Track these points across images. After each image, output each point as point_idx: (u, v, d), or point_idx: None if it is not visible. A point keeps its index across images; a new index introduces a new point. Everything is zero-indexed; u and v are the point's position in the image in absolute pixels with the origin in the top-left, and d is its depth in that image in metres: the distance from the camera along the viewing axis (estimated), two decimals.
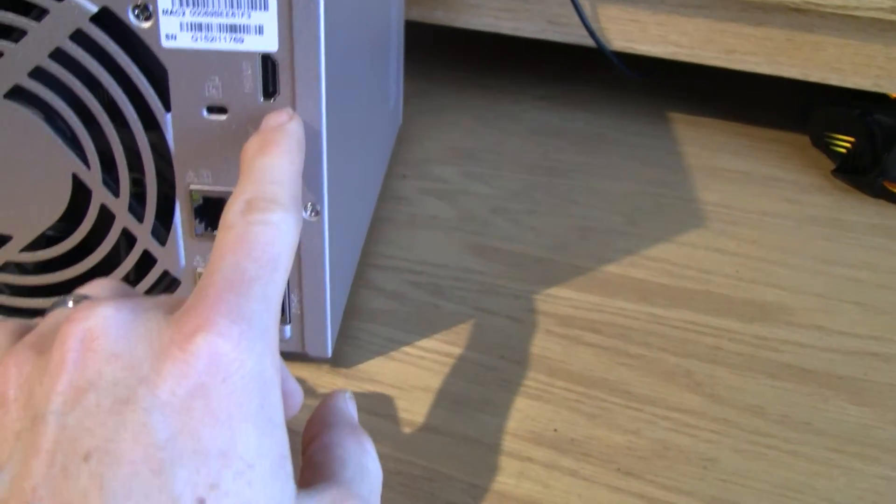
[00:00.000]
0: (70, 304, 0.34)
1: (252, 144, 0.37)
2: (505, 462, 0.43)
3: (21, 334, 0.33)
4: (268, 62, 0.40)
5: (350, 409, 0.37)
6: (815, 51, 0.69)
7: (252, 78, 0.40)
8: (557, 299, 0.54)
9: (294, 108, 0.41)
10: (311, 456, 0.34)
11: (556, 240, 0.61)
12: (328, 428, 0.35)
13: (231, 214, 0.33)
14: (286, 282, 0.33)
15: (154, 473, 0.27)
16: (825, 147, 0.74)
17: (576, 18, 0.71)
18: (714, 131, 0.79)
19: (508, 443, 0.44)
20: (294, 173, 0.36)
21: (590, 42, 0.73)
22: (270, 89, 0.41)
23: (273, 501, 0.29)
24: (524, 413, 0.46)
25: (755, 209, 0.66)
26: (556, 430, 0.45)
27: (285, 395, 0.38)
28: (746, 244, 0.62)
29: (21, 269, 0.48)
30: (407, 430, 0.44)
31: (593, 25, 0.72)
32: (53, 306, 0.35)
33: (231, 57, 0.40)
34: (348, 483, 0.32)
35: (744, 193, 0.68)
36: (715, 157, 0.74)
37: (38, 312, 0.47)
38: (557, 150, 0.74)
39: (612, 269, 0.58)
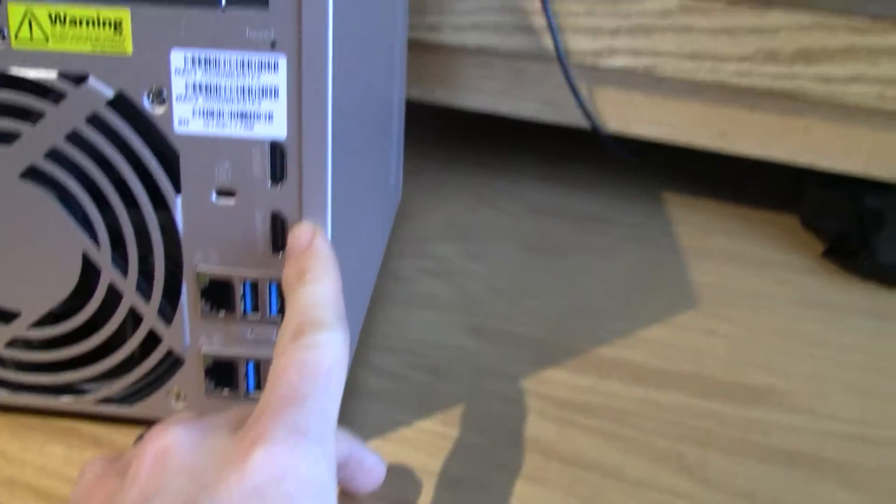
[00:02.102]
0: None
1: (290, 274, 0.40)
2: None
3: (112, 461, 0.37)
4: (276, 149, 0.41)
5: None
6: (804, 135, 0.70)
7: (261, 163, 0.42)
8: (552, 381, 0.55)
9: (301, 192, 0.42)
10: None
11: (552, 321, 0.62)
12: None
13: (282, 342, 0.36)
14: (341, 395, 0.35)
15: None
16: (816, 228, 0.75)
17: (572, 100, 0.73)
18: (707, 212, 0.80)
19: None
20: (334, 293, 0.39)
21: (586, 123, 0.74)
22: (278, 175, 0.42)
23: None
24: (519, 496, 0.46)
25: (747, 291, 0.67)
26: None
27: (366, 470, 0.41)
28: (737, 326, 0.62)
29: (28, 345, 0.49)
30: None
31: (589, 107, 0.73)
32: (139, 438, 0.38)
33: (241, 143, 0.41)
34: None
35: (736, 275, 0.70)
36: (708, 237, 0.75)
37: (44, 388, 0.48)
38: (554, 228, 0.75)
39: (605, 350, 0.59)
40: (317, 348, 0.36)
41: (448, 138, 0.93)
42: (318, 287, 0.39)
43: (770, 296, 0.67)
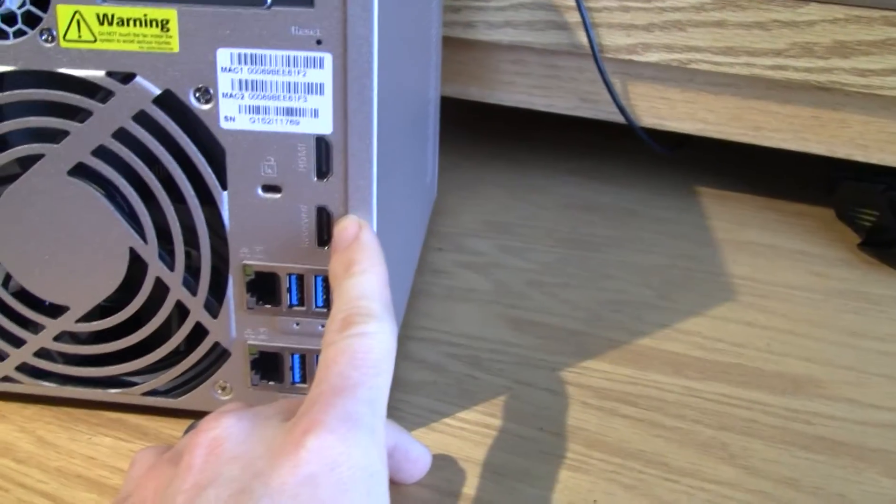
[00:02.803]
0: None
1: (337, 266, 0.40)
2: None
3: (163, 452, 0.38)
4: (322, 143, 0.42)
5: None
6: (840, 128, 0.70)
7: (306, 158, 0.42)
8: (592, 372, 0.56)
9: (346, 186, 0.42)
10: None
11: (590, 313, 0.62)
12: None
13: (330, 333, 0.37)
14: (390, 384, 0.36)
15: None
16: (851, 221, 0.75)
17: (607, 96, 0.73)
18: (741, 205, 0.80)
19: None
20: (381, 284, 0.39)
21: (620, 118, 0.75)
22: (324, 169, 0.42)
23: None
24: (564, 484, 0.47)
25: (783, 283, 0.67)
26: (595, 502, 0.46)
27: (412, 460, 0.42)
28: (776, 317, 0.63)
29: (75, 338, 0.50)
30: (450, 500, 0.45)
31: (623, 102, 0.74)
32: (188, 429, 0.41)
33: (287, 138, 0.42)
34: None
35: (772, 267, 0.70)
36: (742, 231, 0.75)
37: (91, 381, 0.49)
38: (589, 223, 0.75)
39: (645, 342, 0.59)
40: (366, 338, 0.36)
41: (482, 135, 0.93)
42: (366, 279, 0.39)
43: (807, 288, 0.67)
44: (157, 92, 0.42)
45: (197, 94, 0.42)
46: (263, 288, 0.45)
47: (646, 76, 0.73)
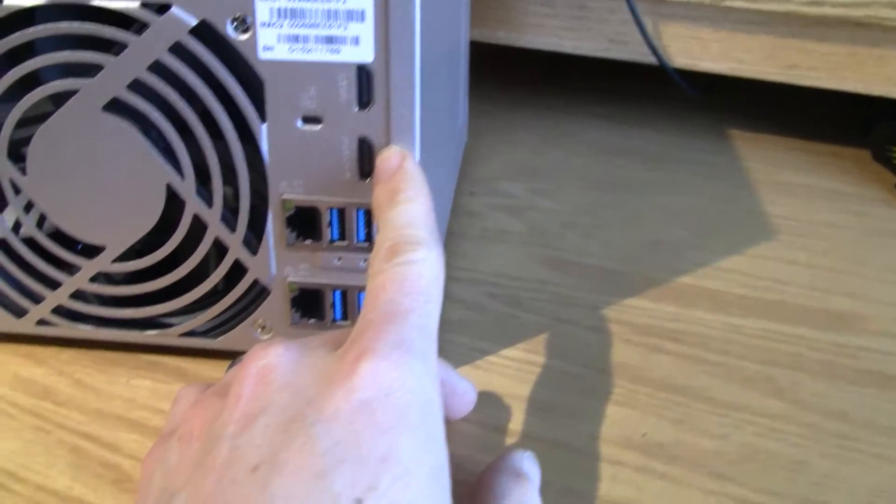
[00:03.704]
0: None
1: (381, 196, 0.39)
2: (597, 466, 0.43)
3: (207, 387, 0.37)
4: (363, 72, 0.41)
5: (525, 465, 0.38)
6: (878, 65, 0.69)
7: (347, 88, 0.41)
8: (634, 309, 0.55)
9: (388, 117, 0.41)
10: (475, 491, 0.37)
11: (628, 253, 0.61)
12: (495, 471, 0.38)
13: (377, 262, 0.36)
14: (440, 311, 0.35)
15: (315, 476, 0.29)
16: (887, 161, 0.74)
17: (637, 36, 0.72)
18: (774, 147, 0.79)
19: (599, 447, 0.44)
20: (426, 212, 0.38)
21: (650, 60, 0.73)
22: (365, 99, 0.41)
23: None
24: (611, 419, 0.46)
25: (822, 222, 0.66)
26: (644, 436, 0.45)
27: (458, 395, 0.41)
28: (817, 255, 0.62)
29: (111, 280, 0.49)
30: (497, 436, 0.45)
31: (655, 43, 0.72)
32: (234, 362, 0.40)
33: (327, 68, 0.41)
34: None
35: (809, 207, 0.69)
36: (777, 172, 0.74)
37: (128, 323, 0.48)
38: (621, 167, 0.74)
39: (685, 280, 0.58)
40: (415, 265, 0.35)
41: (511, 82, 0.92)
42: (411, 207, 0.38)
43: (846, 226, 0.66)
44: (194, 22, 0.41)
45: (234, 24, 0.41)
46: (303, 223, 0.45)
47: (678, 16, 0.72)
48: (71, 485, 0.42)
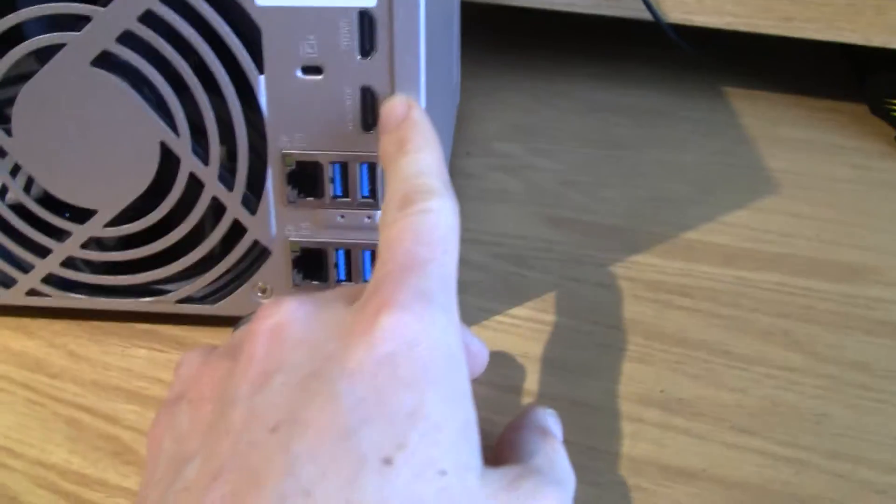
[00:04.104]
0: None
1: (388, 146, 0.37)
2: (618, 424, 0.42)
3: (212, 352, 0.34)
4: (365, 18, 0.39)
5: (548, 422, 0.37)
6: (876, 15, 0.68)
7: (349, 35, 0.40)
8: (642, 265, 0.53)
9: (392, 65, 0.40)
10: (499, 450, 0.34)
11: (631, 209, 0.60)
12: (520, 429, 0.36)
13: (389, 212, 0.34)
14: (457, 262, 0.33)
15: (340, 437, 0.27)
16: (885, 114, 0.73)
17: None
18: (770, 103, 0.78)
19: (618, 405, 0.43)
20: (437, 160, 0.36)
21: (644, 16, 0.72)
22: (368, 47, 0.40)
23: (459, 463, 0.28)
24: (628, 376, 0.45)
25: (824, 175, 0.65)
26: (662, 391, 0.44)
27: (470, 356, 0.39)
28: (822, 208, 0.61)
29: (102, 246, 0.47)
30: (512, 396, 0.44)
31: None
32: (240, 323, 0.38)
33: (327, 13, 0.39)
34: (536, 468, 0.32)
35: (810, 161, 0.68)
36: (775, 127, 0.73)
37: (122, 290, 0.47)
38: (616, 125, 0.73)
39: (691, 235, 0.57)
40: (429, 214, 0.33)
41: (498, 42, 0.90)
42: (421, 156, 0.36)
43: (849, 179, 0.65)
44: None
45: None
46: (305, 179, 0.43)
47: None
48: (69, 458, 0.40)
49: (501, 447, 0.35)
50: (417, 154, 0.36)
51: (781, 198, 0.62)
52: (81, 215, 0.45)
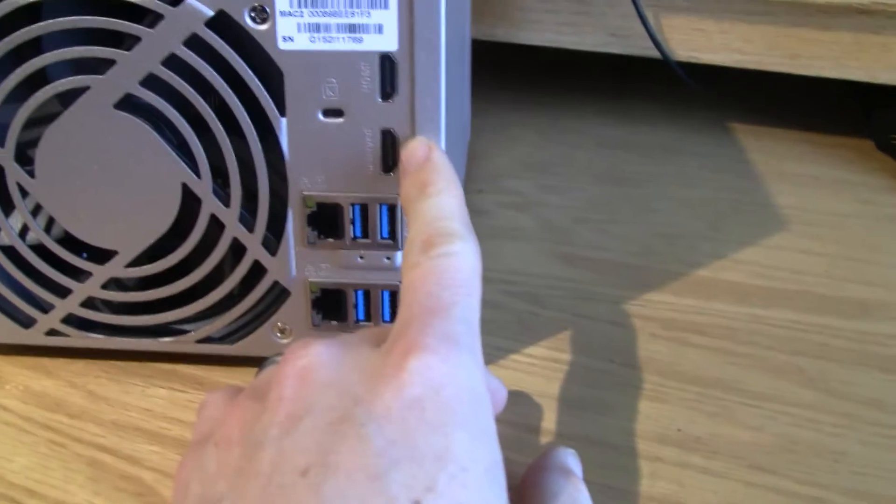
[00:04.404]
0: (279, 360, 0.35)
1: (410, 189, 0.38)
2: (636, 463, 0.42)
3: (237, 394, 0.35)
4: (386, 62, 0.40)
5: (570, 462, 0.37)
6: (882, 52, 0.68)
7: (370, 78, 0.40)
8: (655, 303, 0.54)
9: (413, 108, 0.40)
10: (523, 491, 0.35)
11: (643, 246, 0.60)
12: (542, 470, 0.36)
13: (412, 256, 0.34)
14: (480, 305, 0.34)
15: (370, 479, 0.27)
16: (891, 149, 0.74)
17: (638, 30, 0.71)
18: (776, 139, 0.78)
19: (635, 444, 0.43)
20: (458, 204, 0.37)
21: (651, 53, 0.73)
22: (389, 89, 0.40)
23: None
24: (644, 414, 0.45)
25: (832, 211, 0.66)
26: (679, 430, 0.44)
27: (491, 392, 0.39)
28: (831, 244, 0.61)
29: (121, 286, 0.47)
30: (530, 435, 0.44)
31: (657, 36, 0.71)
32: (264, 365, 0.39)
33: (349, 57, 0.40)
34: None
35: (818, 196, 0.68)
36: (782, 163, 0.73)
37: (141, 330, 0.47)
38: (625, 161, 0.73)
39: (703, 272, 0.57)
40: (452, 258, 0.34)
41: (506, 79, 0.91)
42: (443, 199, 0.37)
43: (856, 215, 0.65)
44: (210, 13, 0.39)
45: (252, 14, 0.39)
46: (325, 220, 0.43)
47: (679, 7, 0.71)
48: (92, 499, 0.40)
49: (525, 488, 0.35)
50: (439, 197, 0.37)
51: (790, 234, 0.62)
52: (100, 255, 0.45)
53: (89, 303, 0.46)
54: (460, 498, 0.28)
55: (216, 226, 0.44)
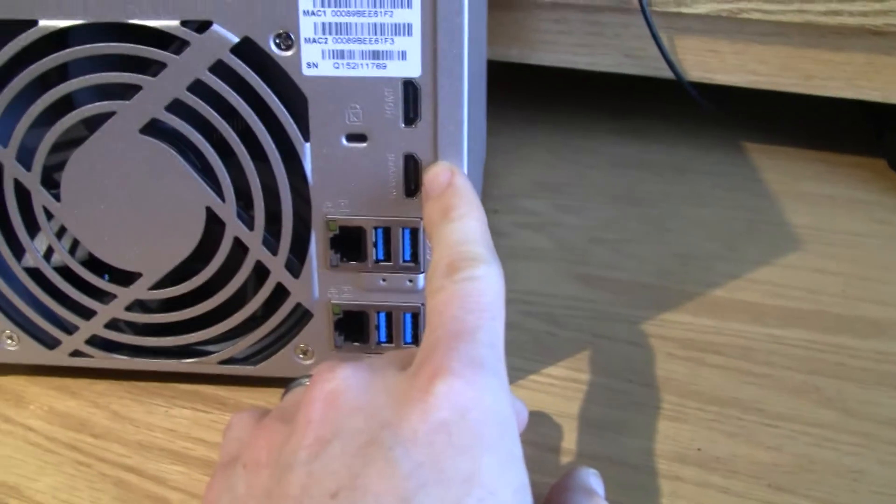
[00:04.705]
0: (306, 381, 0.35)
1: (433, 213, 0.39)
2: (656, 483, 0.42)
3: (263, 416, 0.35)
4: (409, 88, 0.40)
5: (592, 483, 0.37)
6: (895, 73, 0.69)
7: (393, 104, 0.41)
8: (673, 323, 0.54)
9: (436, 133, 0.41)
10: None
11: (659, 266, 0.61)
12: (566, 490, 0.36)
13: (436, 280, 0.35)
14: (504, 328, 0.34)
15: (399, 501, 0.28)
16: None
17: (652, 51, 0.72)
18: (790, 159, 0.79)
19: (655, 463, 0.43)
20: (481, 228, 0.37)
21: (665, 74, 0.73)
22: (412, 115, 0.41)
23: None
24: (664, 434, 0.45)
25: (847, 230, 0.66)
26: (699, 450, 0.44)
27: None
28: (846, 264, 0.61)
29: (144, 307, 0.48)
30: (550, 455, 0.44)
31: (670, 57, 0.72)
32: (291, 386, 0.38)
33: (373, 83, 0.40)
34: None
35: (832, 216, 0.68)
36: (796, 183, 0.74)
37: (165, 352, 0.47)
38: (640, 181, 0.74)
39: (719, 292, 0.58)
40: (476, 281, 0.34)
41: (522, 99, 0.91)
42: (466, 223, 0.37)
43: (872, 234, 0.66)
44: (236, 40, 0.40)
45: (277, 41, 0.40)
46: (348, 243, 0.44)
47: (693, 29, 0.72)
48: None
49: None
50: (462, 221, 0.37)
51: (805, 253, 0.63)
52: (123, 277, 0.45)
53: (113, 324, 0.47)
54: None
55: (240, 249, 0.44)
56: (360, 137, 0.41)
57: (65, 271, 0.46)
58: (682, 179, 0.74)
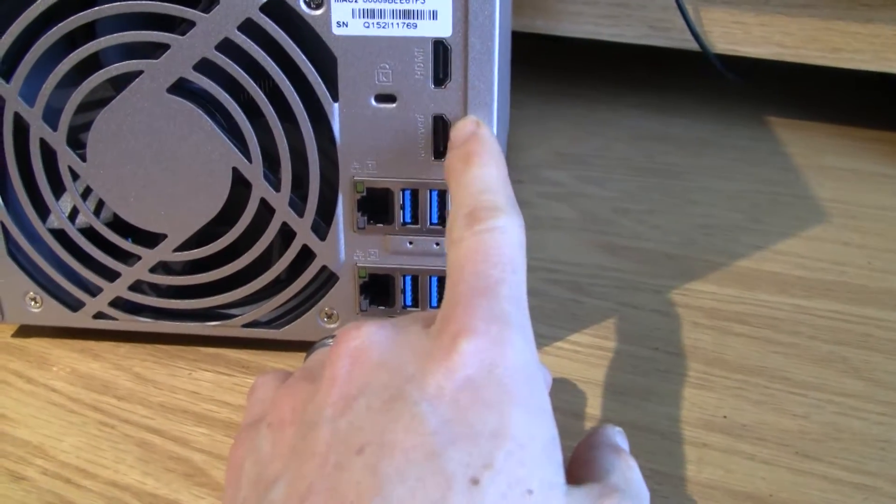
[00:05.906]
0: (330, 342, 0.36)
1: (455, 160, 0.38)
2: (682, 449, 0.42)
3: (287, 378, 0.35)
4: (440, 48, 0.40)
5: (619, 440, 0.37)
6: None
7: (423, 64, 0.40)
8: (698, 293, 0.54)
9: (465, 94, 0.40)
10: (574, 468, 0.34)
11: (683, 237, 0.61)
12: (593, 447, 0.36)
13: (457, 230, 0.34)
14: (525, 281, 0.33)
15: (427, 457, 0.28)
16: None
17: (678, 23, 0.71)
18: (814, 133, 0.78)
19: (681, 430, 0.43)
20: (503, 177, 0.37)
21: (690, 46, 0.73)
22: (441, 75, 0.40)
23: (544, 482, 0.28)
24: (690, 401, 0.45)
25: (872, 204, 0.66)
26: (725, 417, 0.44)
27: None
28: (871, 236, 0.61)
29: (168, 269, 0.48)
30: (576, 421, 0.44)
31: (696, 29, 0.71)
32: (315, 347, 0.38)
33: (403, 43, 0.40)
34: (614, 485, 0.32)
35: (857, 189, 0.68)
36: (821, 156, 0.73)
37: (189, 314, 0.47)
38: (663, 153, 0.73)
39: (744, 263, 0.57)
40: (496, 233, 0.33)
41: (544, 72, 0.91)
42: (487, 171, 0.36)
43: (895, 208, 0.65)
44: None
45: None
46: (375, 206, 0.43)
47: (719, 0, 0.71)
48: (143, 480, 0.41)
49: (576, 465, 0.35)
50: (483, 169, 0.36)
51: (830, 226, 0.62)
52: (148, 239, 0.45)
53: (137, 286, 0.47)
54: (519, 474, 0.28)
55: (266, 210, 0.44)
56: (389, 98, 0.41)
57: (89, 232, 0.46)
58: (706, 152, 0.74)
